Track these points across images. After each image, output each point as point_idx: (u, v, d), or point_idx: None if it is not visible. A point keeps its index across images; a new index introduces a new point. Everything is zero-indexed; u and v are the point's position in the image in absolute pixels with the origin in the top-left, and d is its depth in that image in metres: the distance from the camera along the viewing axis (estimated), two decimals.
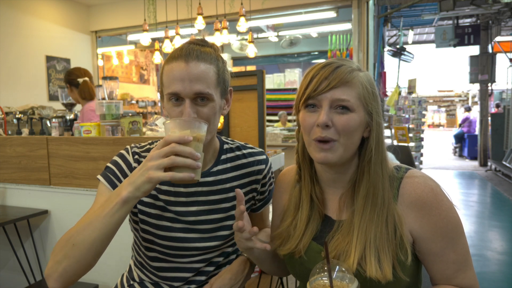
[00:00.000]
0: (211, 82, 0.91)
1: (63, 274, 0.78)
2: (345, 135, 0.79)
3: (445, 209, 0.79)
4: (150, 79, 9.41)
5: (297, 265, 0.90)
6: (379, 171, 0.81)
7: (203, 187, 1.01)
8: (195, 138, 0.78)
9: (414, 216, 0.80)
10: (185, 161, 0.75)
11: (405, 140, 6.00)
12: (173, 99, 0.90)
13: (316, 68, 0.82)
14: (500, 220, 4.74)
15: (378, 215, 0.79)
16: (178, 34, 4.54)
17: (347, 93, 0.78)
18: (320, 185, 0.90)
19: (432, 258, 0.81)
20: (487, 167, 8.43)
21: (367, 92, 0.81)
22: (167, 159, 0.75)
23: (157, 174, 0.75)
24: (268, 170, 1.11)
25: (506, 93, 9.53)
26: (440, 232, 0.79)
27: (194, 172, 0.76)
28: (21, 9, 5.12)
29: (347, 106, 0.78)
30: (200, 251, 1.02)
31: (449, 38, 7.76)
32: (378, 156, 0.82)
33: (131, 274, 1.11)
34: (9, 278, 2.24)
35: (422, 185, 0.80)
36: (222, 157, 1.05)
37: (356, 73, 0.80)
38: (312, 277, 0.75)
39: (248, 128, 2.47)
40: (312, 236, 0.87)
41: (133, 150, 1.02)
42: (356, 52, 5.02)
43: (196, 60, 0.89)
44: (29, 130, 2.33)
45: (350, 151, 0.82)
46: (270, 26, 6.85)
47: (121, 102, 1.95)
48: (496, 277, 3.13)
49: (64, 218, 2.08)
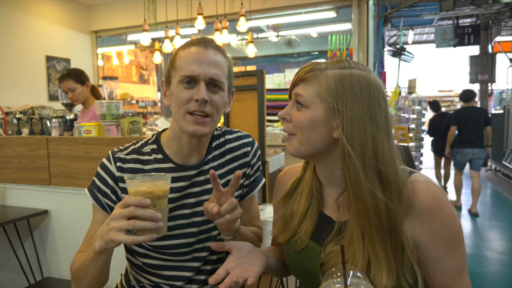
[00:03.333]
0: (224, 73, 0.94)
1: None
2: (298, 130, 0.82)
3: (446, 215, 0.77)
4: (150, 79, 9.41)
5: (296, 265, 0.90)
6: (360, 176, 0.75)
7: (199, 176, 1.01)
8: (156, 196, 0.78)
9: (415, 221, 0.78)
10: (145, 225, 0.75)
11: (405, 140, 5.99)
12: (186, 82, 0.90)
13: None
14: (500, 220, 4.74)
15: (375, 222, 0.76)
16: (178, 34, 4.54)
17: (303, 89, 0.81)
18: (320, 181, 0.91)
19: (431, 265, 0.80)
20: (487, 167, 8.43)
21: (327, 90, 0.78)
22: (126, 223, 0.75)
23: (118, 236, 0.75)
24: (255, 152, 1.11)
25: (506, 93, 9.53)
26: (440, 238, 0.78)
27: (157, 232, 0.77)
28: (21, 9, 5.12)
29: (301, 102, 0.81)
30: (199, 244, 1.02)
31: (449, 38, 7.77)
32: (355, 160, 0.75)
33: (127, 277, 1.10)
34: (9, 278, 2.25)
35: (424, 190, 0.78)
36: (213, 144, 1.06)
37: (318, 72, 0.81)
38: (324, 282, 0.72)
39: (248, 128, 2.47)
40: (310, 233, 0.87)
41: (116, 156, 1.00)
42: (356, 52, 5.02)
43: (214, 49, 0.94)
44: (29, 130, 2.33)
45: (308, 147, 0.81)
46: (270, 26, 6.85)
47: (121, 102, 1.95)
48: (496, 277, 3.12)
49: (64, 218, 2.08)
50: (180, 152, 0.99)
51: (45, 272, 2.17)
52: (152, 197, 0.77)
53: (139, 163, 1.00)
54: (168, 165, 0.99)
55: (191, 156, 1.00)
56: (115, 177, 0.98)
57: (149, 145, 1.03)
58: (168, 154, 1.00)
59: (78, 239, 1.06)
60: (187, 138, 0.96)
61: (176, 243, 1.00)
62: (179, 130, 0.96)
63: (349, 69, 0.80)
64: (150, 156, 1.00)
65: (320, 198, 0.90)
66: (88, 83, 2.75)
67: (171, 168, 0.99)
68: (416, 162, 6.60)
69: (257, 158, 1.12)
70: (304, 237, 0.87)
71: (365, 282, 0.70)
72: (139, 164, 1.00)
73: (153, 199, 0.77)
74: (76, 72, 2.74)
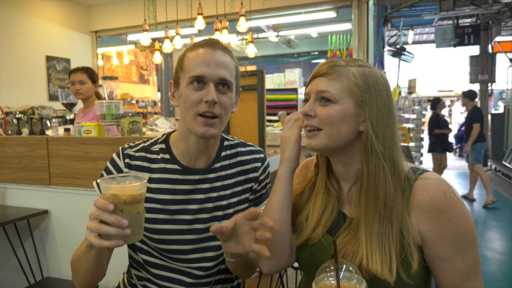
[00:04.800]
0: (232, 73, 0.96)
1: (81, 284, 0.94)
2: (327, 125, 0.83)
3: (456, 214, 0.77)
4: (150, 79, 9.41)
5: (307, 255, 0.90)
6: (380, 168, 0.80)
7: (203, 184, 1.01)
8: (123, 202, 0.73)
9: (423, 218, 0.78)
10: (109, 230, 0.72)
11: (405, 140, 5.99)
12: (195, 82, 0.92)
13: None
14: (500, 220, 4.74)
15: (381, 214, 0.79)
16: (178, 34, 4.54)
17: (328, 86, 0.83)
18: (336, 178, 0.92)
19: (439, 264, 0.79)
20: (487, 167, 8.43)
21: (356, 85, 0.82)
22: (94, 226, 0.73)
23: (91, 237, 0.74)
24: (265, 168, 1.10)
25: (506, 93, 9.53)
26: (449, 237, 0.77)
27: (124, 239, 0.74)
28: (21, 9, 5.12)
29: (328, 97, 0.83)
30: (198, 253, 1.01)
31: (449, 38, 7.77)
32: (378, 152, 0.80)
33: (129, 274, 1.10)
34: (9, 278, 2.24)
35: (435, 187, 0.79)
36: (222, 154, 1.05)
37: (341, 68, 0.83)
38: (318, 277, 0.73)
39: (248, 128, 2.47)
40: (327, 229, 0.88)
41: (126, 152, 1.01)
42: (356, 52, 5.02)
43: (222, 50, 0.95)
44: (29, 130, 2.33)
45: (336, 141, 0.83)
46: (270, 26, 6.85)
47: (121, 102, 1.95)
48: (496, 277, 3.13)
49: (64, 218, 2.08)
50: (187, 153, 1.00)
51: (45, 272, 2.17)
52: (118, 202, 0.73)
53: (146, 161, 1.01)
54: (174, 167, 1.00)
55: (198, 158, 1.00)
56: (122, 172, 0.99)
57: (158, 144, 1.04)
58: (175, 154, 1.01)
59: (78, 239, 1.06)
60: (194, 139, 0.97)
61: (175, 249, 0.99)
62: (187, 130, 0.97)
63: (367, 68, 0.85)
64: (158, 155, 1.01)
65: (339, 196, 0.91)
66: (97, 84, 2.82)
67: (176, 170, 1.00)
68: (416, 162, 6.59)
69: (266, 175, 1.11)
70: (319, 234, 0.88)
71: (357, 276, 0.72)
72: (146, 162, 1.01)
73: (119, 204, 0.73)
74: (91, 70, 2.83)
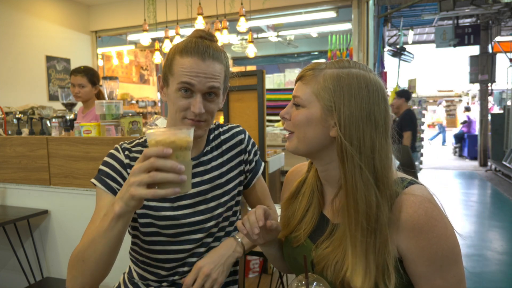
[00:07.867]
0: (221, 81, 0.97)
1: (87, 281, 0.86)
2: (296, 128, 0.84)
3: (436, 235, 0.73)
4: (150, 79, 9.41)
5: (291, 259, 0.92)
6: (357, 177, 0.75)
7: (199, 167, 1.05)
8: (179, 147, 0.71)
9: (402, 236, 0.75)
10: (166, 177, 0.69)
11: None
12: (183, 90, 0.93)
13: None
14: (500, 220, 4.74)
15: (363, 226, 0.75)
16: (178, 34, 4.54)
17: (300, 90, 0.83)
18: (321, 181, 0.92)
19: (417, 281, 0.77)
20: (487, 167, 8.43)
21: (325, 89, 0.79)
22: (147, 176, 0.69)
23: (139, 191, 0.70)
24: (248, 138, 1.16)
25: (506, 93, 9.53)
26: (427, 257, 0.74)
27: (180, 186, 0.71)
28: (21, 9, 5.12)
29: (298, 102, 0.83)
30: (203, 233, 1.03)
31: (449, 38, 7.77)
32: (354, 160, 0.75)
33: (131, 274, 1.11)
34: (9, 278, 2.25)
35: (416, 205, 0.74)
36: (210, 137, 1.10)
37: (317, 72, 0.82)
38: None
39: (248, 128, 2.47)
40: (309, 231, 0.88)
41: (123, 147, 1.03)
42: (356, 52, 5.02)
43: (212, 59, 0.94)
44: (29, 130, 2.33)
45: (306, 145, 0.83)
46: (270, 26, 6.85)
47: (121, 102, 1.95)
48: (496, 277, 3.13)
49: (64, 218, 2.08)
50: None
51: (45, 272, 2.17)
52: (174, 147, 0.71)
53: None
54: None
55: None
56: (123, 163, 1.00)
57: None
58: None
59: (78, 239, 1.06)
60: None
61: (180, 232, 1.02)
62: (175, 125, 0.99)
63: (348, 69, 0.80)
64: None
65: (321, 198, 0.91)
66: (97, 86, 2.79)
67: None
68: (416, 162, 6.59)
69: (252, 144, 1.17)
70: (302, 235, 0.89)
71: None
72: None
73: (175, 149, 0.71)
74: (92, 71, 2.78)
